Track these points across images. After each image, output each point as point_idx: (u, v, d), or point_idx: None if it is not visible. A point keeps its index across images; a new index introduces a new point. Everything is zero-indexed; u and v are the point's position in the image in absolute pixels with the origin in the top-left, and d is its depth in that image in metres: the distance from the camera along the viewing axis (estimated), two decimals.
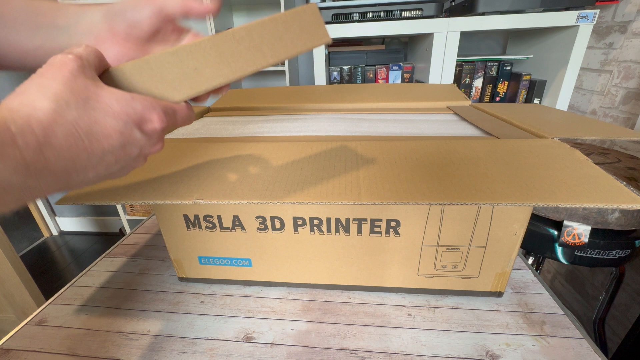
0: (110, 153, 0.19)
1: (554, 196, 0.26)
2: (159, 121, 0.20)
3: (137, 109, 0.19)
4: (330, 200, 0.27)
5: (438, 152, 0.34)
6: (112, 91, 0.19)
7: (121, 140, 0.19)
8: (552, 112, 0.52)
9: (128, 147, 0.20)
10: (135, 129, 0.19)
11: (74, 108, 0.17)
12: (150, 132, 0.20)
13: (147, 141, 0.21)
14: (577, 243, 0.68)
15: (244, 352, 0.36)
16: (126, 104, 0.19)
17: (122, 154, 0.20)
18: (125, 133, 0.19)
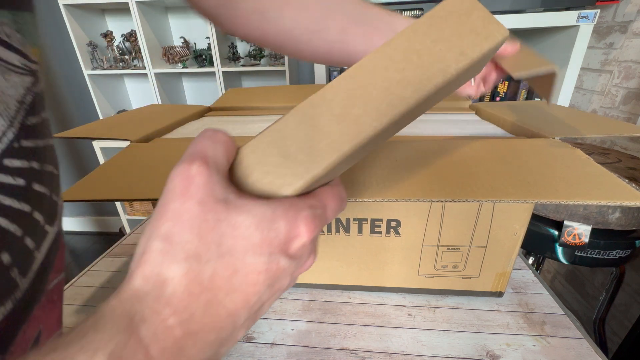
0: (258, 302, 0.14)
1: (556, 193, 0.26)
2: (307, 232, 0.15)
3: (280, 229, 0.14)
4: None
5: (439, 151, 0.34)
6: (247, 211, 0.14)
7: (269, 281, 0.14)
8: (553, 109, 0.51)
9: (277, 283, 0.15)
10: (282, 257, 0.14)
11: (205, 262, 0.13)
12: (299, 251, 0.15)
13: (297, 265, 0.15)
14: (578, 243, 0.68)
15: (244, 352, 0.36)
16: (266, 228, 0.14)
17: (272, 293, 0.15)
18: (271, 269, 0.14)
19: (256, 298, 0.14)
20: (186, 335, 0.12)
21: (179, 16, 1.67)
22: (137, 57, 1.67)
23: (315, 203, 0.16)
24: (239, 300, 0.14)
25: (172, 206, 0.13)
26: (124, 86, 1.87)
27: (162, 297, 0.12)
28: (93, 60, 1.63)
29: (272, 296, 0.15)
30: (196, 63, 1.66)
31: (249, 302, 0.14)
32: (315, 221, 0.15)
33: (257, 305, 0.14)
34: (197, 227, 0.13)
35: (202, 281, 0.13)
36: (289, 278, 0.16)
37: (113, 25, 1.74)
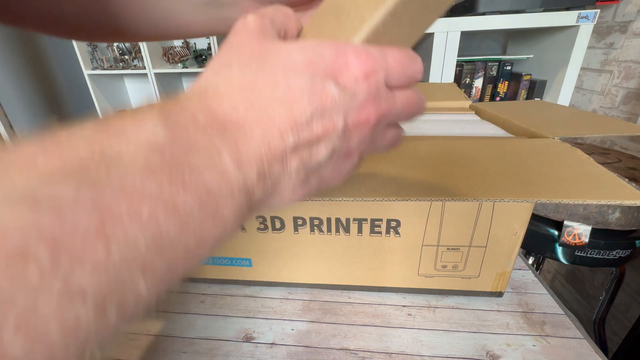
0: (306, 126, 0.13)
1: (556, 193, 0.26)
2: (359, 64, 0.14)
3: (326, 55, 0.14)
4: (331, 197, 0.27)
5: (439, 151, 0.34)
6: (293, 43, 0.14)
7: (314, 104, 0.13)
8: (553, 108, 0.51)
9: (326, 114, 0.14)
10: (328, 82, 0.14)
11: (249, 71, 0.14)
12: (349, 84, 0.14)
13: (349, 100, 0.14)
14: (578, 243, 0.68)
15: (244, 352, 0.36)
16: (310, 52, 0.14)
17: (323, 126, 0.14)
18: (316, 92, 0.13)
19: (303, 119, 0.13)
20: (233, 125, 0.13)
21: None
22: (137, 57, 1.67)
23: (374, 49, 0.15)
24: (284, 115, 0.13)
25: (228, 40, 0.15)
26: (124, 86, 1.87)
27: (205, 93, 0.13)
28: (93, 60, 1.63)
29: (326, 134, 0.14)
30: (196, 63, 1.66)
31: (294, 120, 0.13)
32: (369, 58, 0.14)
33: (305, 132, 0.13)
34: (241, 48, 0.14)
35: (242, 84, 0.13)
36: (341, 116, 0.14)
37: None
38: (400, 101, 0.16)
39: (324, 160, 0.14)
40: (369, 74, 0.14)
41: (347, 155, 0.16)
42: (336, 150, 0.15)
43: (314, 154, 0.14)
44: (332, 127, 0.14)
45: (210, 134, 0.12)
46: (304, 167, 0.14)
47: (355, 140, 0.15)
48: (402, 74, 0.15)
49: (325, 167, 0.15)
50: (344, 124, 0.14)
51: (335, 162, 0.15)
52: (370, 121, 0.15)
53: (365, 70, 0.14)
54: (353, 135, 0.15)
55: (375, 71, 0.14)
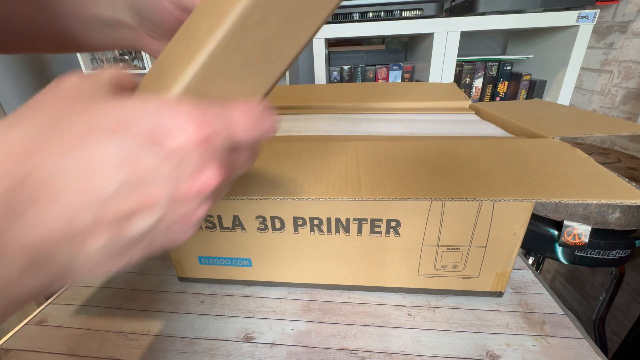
0: (112, 201, 0.11)
1: (556, 192, 0.26)
2: (190, 128, 0.12)
3: (146, 117, 0.11)
4: (331, 197, 0.27)
5: (439, 151, 0.34)
6: (108, 102, 0.12)
7: (123, 175, 0.11)
8: (553, 107, 0.51)
9: (143, 185, 0.12)
10: (145, 150, 0.11)
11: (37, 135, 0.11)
12: (177, 152, 0.12)
13: (177, 169, 0.12)
14: (578, 243, 0.68)
15: (244, 352, 0.36)
16: (125, 113, 0.11)
17: (138, 199, 0.12)
18: (127, 160, 0.11)
19: (106, 194, 0.11)
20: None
21: None
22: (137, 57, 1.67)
23: (209, 106, 0.13)
24: (78, 190, 0.11)
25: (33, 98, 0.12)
26: None
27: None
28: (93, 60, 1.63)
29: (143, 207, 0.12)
30: None
31: (94, 196, 0.11)
32: (204, 121, 0.12)
33: (111, 207, 0.11)
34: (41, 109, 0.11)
35: (22, 149, 0.10)
36: (166, 187, 0.12)
37: None
38: (243, 160, 0.15)
39: (145, 232, 0.12)
40: (205, 140, 0.12)
41: (184, 219, 0.14)
42: (165, 219, 0.13)
43: (128, 228, 0.12)
44: (152, 200, 0.12)
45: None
46: (114, 242, 0.12)
47: (193, 205, 0.13)
48: (247, 137, 0.14)
49: (153, 236, 0.13)
50: (170, 194, 0.12)
51: (168, 228, 0.13)
52: (209, 187, 0.13)
53: (200, 135, 0.12)
54: (188, 202, 0.13)
55: (212, 136, 0.12)
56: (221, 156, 0.13)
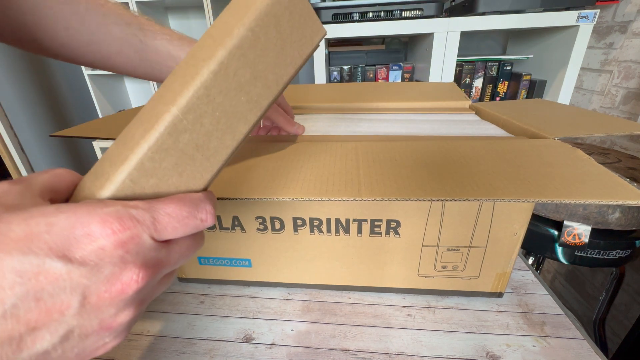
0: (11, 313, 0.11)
1: (557, 192, 0.25)
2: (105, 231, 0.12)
3: (59, 224, 0.11)
4: (330, 197, 0.27)
5: (439, 151, 0.34)
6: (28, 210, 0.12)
7: (22, 288, 0.11)
8: (554, 107, 0.51)
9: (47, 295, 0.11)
10: (52, 258, 0.11)
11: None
12: (89, 256, 0.12)
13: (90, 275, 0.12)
14: (578, 243, 0.68)
15: (244, 353, 0.36)
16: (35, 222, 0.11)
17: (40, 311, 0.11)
18: (29, 271, 0.11)
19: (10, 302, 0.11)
20: None
21: (178, 16, 1.67)
22: None
23: (135, 205, 0.13)
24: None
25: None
26: (123, 86, 1.87)
27: None
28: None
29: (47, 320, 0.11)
30: None
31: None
32: (123, 221, 0.12)
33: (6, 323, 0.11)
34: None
35: None
36: (76, 295, 0.12)
37: None
38: (177, 252, 0.15)
39: (49, 348, 0.12)
40: (124, 243, 0.12)
41: (103, 328, 0.13)
42: (76, 330, 0.12)
43: (27, 345, 0.11)
44: (58, 310, 0.11)
45: None
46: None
47: (112, 311, 0.13)
48: (177, 230, 0.14)
49: (62, 350, 0.12)
50: (81, 302, 0.12)
51: (82, 340, 0.13)
52: (129, 291, 0.13)
53: (117, 238, 0.12)
54: (105, 308, 0.13)
55: (133, 237, 0.12)
56: (144, 256, 0.13)
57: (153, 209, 0.13)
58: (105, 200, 0.13)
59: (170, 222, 0.14)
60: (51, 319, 0.11)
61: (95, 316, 0.12)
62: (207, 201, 0.15)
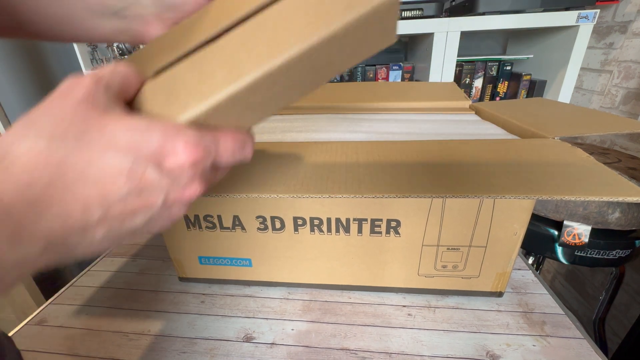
0: (119, 203, 0.14)
1: (557, 190, 0.25)
2: (186, 153, 0.15)
3: (153, 140, 0.14)
4: (331, 194, 0.27)
5: (439, 151, 0.34)
6: (123, 119, 0.14)
7: (131, 185, 0.14)
8: (554, 106, 0.51)
9: (145, 193, 0.15)
10: (150, 167, 0.14)
11: (62, 146, 0.13)
12: (174, 170, 0.15)
13: (172, 183, 0.15)
14: (578, 243, 0.68)
15: (244, 352, 0.36)
16: (137, 135, 0.14)
17: (139, 203, 0.15)
18: (136, 174, 0.14)
19: (115, 198, 0.14)
20: (24, 203, 0.12)
21: None
22: None
23: (205, 134, 0.16)
24: (93, 193, 0.13)
25: (48, 101, 0.14)
26: None
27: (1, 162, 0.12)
28: (93, 60, 1.63)
29: (143, 209, 0.15)
30: None
31: (105, 198, 0.14)
32: (199, 148, 0.15)
33: (117, 207, 0.14)
34: (62, 117, 0.13)
35: (48, 159, 0.13)
36: (161, 195, 0.15)
37: None
38: (222, 173, 0.19)
39: (138, 227, 0.16)
40: (196, 163, 0.15)
41: (168, 217, 0.17)
42: (155, 217, 0.16)
43: (127, 223, 0.15)
44: (149, 204, 0.15)
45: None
46: (114, 233, 0.15)
47: (177, 209, 0.17)
48: (229, 161, 0.17)
49: (143, 228, 0.16)
50: (163, 201, 0.16)
51: (153, 223, 0.17)
52: (192, 197, 0.17)
53: (193, 159, 0.15)
54: (174, 206, 0.17)
55: (203, 160, 0.16)
56: (206, 176, 0.17)
57: (218, 142, 0.16)
58: (184, 126, 0.15)
59: (226, 153, 0.17)
60: (144, 209, 0.15)
61: (167, 211, 0.17)
62: (252, 141, 0.18)
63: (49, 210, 0.13)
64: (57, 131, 0.13)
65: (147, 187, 0.15)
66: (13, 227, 0.12)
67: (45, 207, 0.13)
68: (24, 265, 0.13)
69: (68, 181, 0.13)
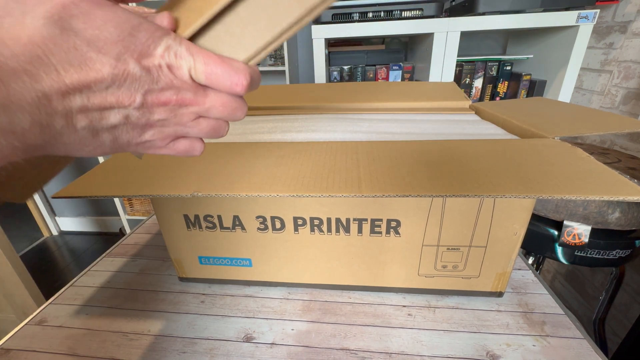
0: (100, 93, 0.15)
1: (557, 189, 0.25)
2: (164, 56, 0.15)
3: (140, 37, 0.15)
4: (331, 193, 0.27)
5: (439, 150, 0.34)
6: (116, 12, 0.14)
7: (114, 77, 0.14)
8: (554, 105, 0.51)
9: (125, 87, 0.15)
10: (133, 61, 0.15)
11: (50, 27, 0.13)
12: (155, 70, 0.15)
13: (151, 82, 0.15)
14: (578, 243, 0.68)
15: (244, 352, 0.36)
16: (127, 30, 0.14)
17: (118, 96, 0.15)
18: (119, 67, 0.14)
19: (97, 87, 0.14)
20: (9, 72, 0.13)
21: None
22: None
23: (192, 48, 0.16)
24: (76, 77, 0.14)
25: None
26: None
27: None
28: None
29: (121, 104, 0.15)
30: None
31: (87, 86, 0.14)
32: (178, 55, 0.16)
33: (98, 97, 0.15)
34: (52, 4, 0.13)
35: (32, 37, 0.13)
36: (140, 92, 0.15)
37: None
38: (211, 100, 0.18)
39: (115, 124, 0.16)
40: (172, 67, 0.16)
41: (147, 126, 0.17)
42: (131, 119, 0.16)
43: (105, 117, 0.15)
44: (127, 100, 0.15)
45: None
46: (93, 127, 0.15)
47: (156, 117, 0.17)
48: (215, 82, 0.17)
49: (120, 130, 0.16)
50: (142, 100, 0.16)
51: (131, 128, 0.17)
52: (169, 104, 0.17)
53: (169, 63, 0.16)
54: (153, 111, 0.17)
55: (179, 67, 0.16)
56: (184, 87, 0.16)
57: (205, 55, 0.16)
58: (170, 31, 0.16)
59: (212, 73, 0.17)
60: (122, 104, 0.15)
61: (147, 115, 0.17)
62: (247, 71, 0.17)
63: (34, 84, 0.13)
64: (43, 11, 0.13)
65: (126, 82, 0.15)
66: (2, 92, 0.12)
67: (30, 80, 0.13)
68: (13, 134, 0.13)
69: (53, 61, 0.13)
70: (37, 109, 0.13)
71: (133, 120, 0.16)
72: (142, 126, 0.17)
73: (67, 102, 0.14)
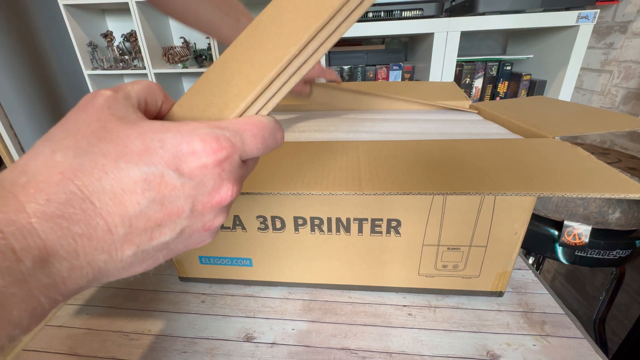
0: (141, 215, 0.13)
1: (558, 187, 0.25)
2: (206, 150, 0.14)
3: (167, 141, 0.13)
4: (331, 191, 0.27)
5: (440, 150, 0.34)
6: (138, 125, 0.13)
7: (150, 194, 0.13)
8: (555, 104, 0.51)
9: (168, 201, 0.13)
10: (168, 172, 0.13)
11: (72, 157, 0.12)
12: (195, 172, 0.14)
13: (197, 187, 0.14)
14: (578, 243, 0.68)
15: (245, 352, 0.36)
16: (150, 137, 0.13)
17: (163, 213, 0.13)
18: (153, 182, 0.13)
19: (136, 210, 0.13)
20: (41, 218, 0.11)
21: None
22: (137, 57, 1.67)
23: (224, 125, 0.15)
24: (112, 205, 0.12)
25: (67, 115, 0.14)
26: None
27: (17, 183, 0.12)
28: (93, 60, 1.63)
29: (168, 220, 0.14)
30: (196, 63, 1.66)
31: (126, 211, 0.13)
32: (220, 141, 0.14)
33: (140, 221, 0.13)
34: (78, 128, 0.13)
35: (64, 172, 0.12)
36: (188, 202, 0.14)
37: (113, 26, 1.73)
38: (251, 167, 0.17)
39: (169, 240, 0.14)
40: (221, 161, 0.14)
41: (204, 228, 0.16)
42: (187, 229, 0.15)
43: (155, 237, 0.14)
44: (176, 213, 0.14)
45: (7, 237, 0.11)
46: (143, 250, 0.14)
47: (211, 216, 0.15)
48: (259, 150, 0.16)
49: (176, 243, 0.15)
50: (191, 208, 0.14)
51: (189, 237, 0.15)
52: (226, 200, 0.15)
53: (216, 158, 0.14)
54: (206, 214, 0.15)
55: (228, 157, 0.14)
56: (235, 173, 0.15)
57: (241, 132, 0.15)
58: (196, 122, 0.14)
59: (254, 145, 0.15)
60: (170, 219, 0.14)
61: (200, 220, 0.15)
62: (279, 125, 0.17)
63: (70, 228, 0.12)
64: (72, 143, 0.12)
65: (169, 195, 0.13)
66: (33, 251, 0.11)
67: (65, 225, 0.12)
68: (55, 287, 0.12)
69: (87, 193, 0.12)
70: (75, 251, 0.12)
71: (189, 228, 0.15)
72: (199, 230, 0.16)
73: (107, 236, 0.13)
